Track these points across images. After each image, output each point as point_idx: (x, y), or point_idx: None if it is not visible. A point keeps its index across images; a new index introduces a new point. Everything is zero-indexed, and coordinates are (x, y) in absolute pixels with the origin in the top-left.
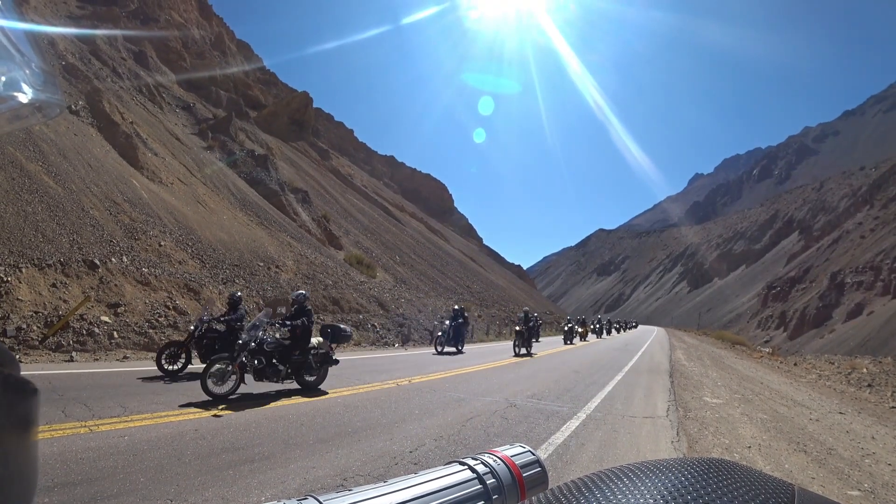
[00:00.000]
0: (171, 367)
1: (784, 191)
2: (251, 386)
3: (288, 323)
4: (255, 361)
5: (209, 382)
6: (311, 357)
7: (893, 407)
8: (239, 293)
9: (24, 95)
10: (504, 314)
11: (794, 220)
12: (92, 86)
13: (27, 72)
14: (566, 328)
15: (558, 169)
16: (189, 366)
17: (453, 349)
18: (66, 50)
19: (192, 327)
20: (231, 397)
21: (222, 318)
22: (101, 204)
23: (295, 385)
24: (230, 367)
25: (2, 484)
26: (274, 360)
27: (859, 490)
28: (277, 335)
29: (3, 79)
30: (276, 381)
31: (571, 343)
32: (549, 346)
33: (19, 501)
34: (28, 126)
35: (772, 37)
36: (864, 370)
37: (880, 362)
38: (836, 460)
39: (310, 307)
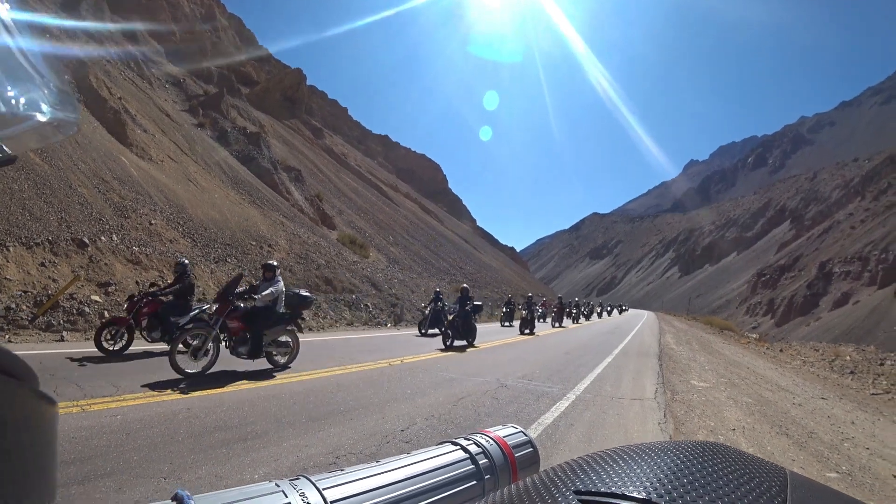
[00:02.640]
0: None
1: (778, 179)
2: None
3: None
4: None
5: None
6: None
7: (874, 394)
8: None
9: (43, 115)
10: (497, 296)
11: (786, 209)
12: (78, 60)
13: (45, 92)
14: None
15: (555, 152)
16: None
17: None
18: (51, 25)
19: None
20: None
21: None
22: (89, 181)
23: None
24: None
25: (20, 496)
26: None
27: (837, 472)
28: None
29: (24, 99)
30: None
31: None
32: (539, 328)
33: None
34: (47, 144)
35: (773, 21)
36: (848, 358)
37: (863, 350)
38: (817, 443)
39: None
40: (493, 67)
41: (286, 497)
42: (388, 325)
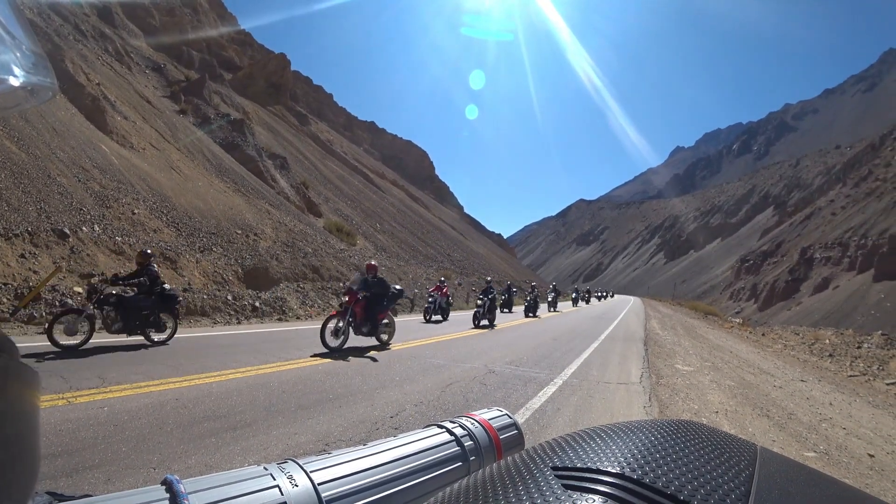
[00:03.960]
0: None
1: (762, 166)
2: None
3: None
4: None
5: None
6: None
7: (851, 376)
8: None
9: (16, 79)
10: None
11: (769, 195)
12: (53, 43)
13: (18, 55)
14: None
15: (542, 138)
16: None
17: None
18: (23, 4)
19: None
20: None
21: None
22: (68, 170)
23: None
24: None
25: (4, 468)
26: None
27: (815, 452)
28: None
29: None
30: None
31: (555, 310)
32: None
33: (22, 484)
34: (21, 111)
35: (759, 9)
36: (827, 341)
37: (842, 334)
38: (796, 424)
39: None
40: (479, 49)
41: (274, 480)
42: None
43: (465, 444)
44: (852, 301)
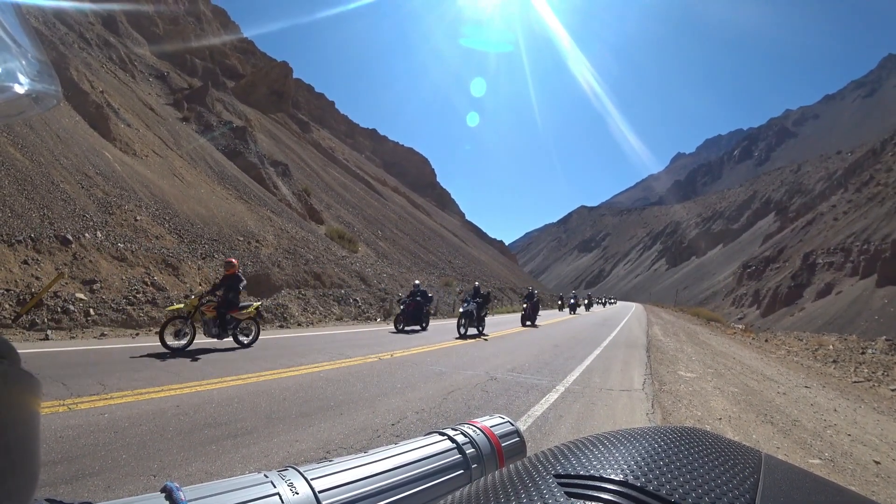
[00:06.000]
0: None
1: (763, 172)
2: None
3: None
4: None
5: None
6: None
7: (856, 381)
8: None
9: (21, 86)
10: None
11: (771, 201)
12: (58, 52)
13: (23, 62)
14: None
15: (543, 144)
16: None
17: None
18: (29, 13)
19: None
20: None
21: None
22: (71, 177)
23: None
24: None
25: (3, 474)
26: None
27: (820, 459)
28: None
29: (0, 69)
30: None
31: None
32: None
33: (22, 491)
34: (25, 118)
35: (758, 16)
36: (831, 347)
37: (846, 339)
38: (801, 431)
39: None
40: (480, 56)
41: (275, 487)
42: (378, 319)
43: (467, 452)
44: (856, 306)
